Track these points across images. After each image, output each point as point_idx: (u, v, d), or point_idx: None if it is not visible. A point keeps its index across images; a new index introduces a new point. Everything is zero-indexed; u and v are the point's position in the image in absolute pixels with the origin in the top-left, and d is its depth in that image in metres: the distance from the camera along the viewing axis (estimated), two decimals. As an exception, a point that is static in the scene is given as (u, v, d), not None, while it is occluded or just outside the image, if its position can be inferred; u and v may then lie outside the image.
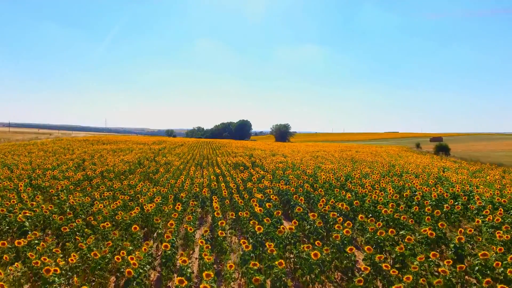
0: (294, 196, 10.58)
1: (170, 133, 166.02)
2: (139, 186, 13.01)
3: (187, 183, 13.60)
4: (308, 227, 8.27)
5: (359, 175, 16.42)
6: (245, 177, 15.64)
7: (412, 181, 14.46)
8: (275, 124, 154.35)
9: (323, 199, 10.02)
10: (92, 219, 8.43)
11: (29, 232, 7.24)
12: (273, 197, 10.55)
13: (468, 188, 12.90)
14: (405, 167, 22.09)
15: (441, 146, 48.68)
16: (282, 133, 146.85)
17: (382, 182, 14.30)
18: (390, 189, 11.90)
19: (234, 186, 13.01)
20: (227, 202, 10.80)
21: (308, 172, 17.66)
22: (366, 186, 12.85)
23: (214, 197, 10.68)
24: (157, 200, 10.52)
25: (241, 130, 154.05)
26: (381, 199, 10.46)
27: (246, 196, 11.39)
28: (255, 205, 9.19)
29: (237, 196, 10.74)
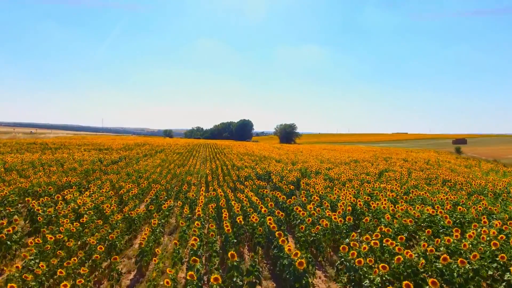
0: None
1: (168, 134, 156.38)
2: None
3: None
4: None
5: None
6: None
7: None
8: (279, 124, 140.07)
9: None
10: None
11: None
12: None
13: None
14: None
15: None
16: (287, 134, 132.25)
17: None
18: None
19: None
20: None
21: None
22: None
23: None
24: None
25: (242, 130, 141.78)
26: None
27: None
28: None
29: None
